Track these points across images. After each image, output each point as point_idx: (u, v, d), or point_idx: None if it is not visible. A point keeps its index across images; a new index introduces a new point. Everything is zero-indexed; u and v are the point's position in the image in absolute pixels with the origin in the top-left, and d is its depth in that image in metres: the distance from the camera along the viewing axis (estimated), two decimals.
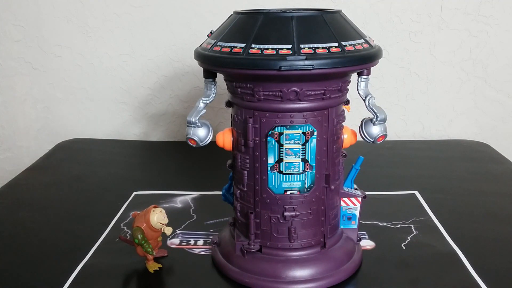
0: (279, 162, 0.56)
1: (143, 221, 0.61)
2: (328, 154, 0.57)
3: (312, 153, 0.56)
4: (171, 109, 1.18)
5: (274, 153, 0.56)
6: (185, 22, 1.11)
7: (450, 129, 1.16)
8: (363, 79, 0.57)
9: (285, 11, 0.56)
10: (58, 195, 0.87)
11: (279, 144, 0.55)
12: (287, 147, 0.55)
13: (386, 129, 0.58)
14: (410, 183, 0.88)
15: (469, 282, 0.60)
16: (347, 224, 0.64)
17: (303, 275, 0.58)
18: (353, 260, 0.62)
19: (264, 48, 0.52)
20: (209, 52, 0.56)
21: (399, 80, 1.13)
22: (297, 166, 0.56)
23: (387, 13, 1.08)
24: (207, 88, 0.59)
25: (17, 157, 1.23)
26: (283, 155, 0.56)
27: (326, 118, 0.56)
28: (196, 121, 0.59)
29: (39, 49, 1.15)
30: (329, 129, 0.56)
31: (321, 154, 0.57)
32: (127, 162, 1.03)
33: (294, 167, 0.56)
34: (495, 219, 0.75)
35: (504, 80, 1.12)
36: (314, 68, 0.50)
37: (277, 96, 0.54)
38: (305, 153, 0.56)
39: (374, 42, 0.59)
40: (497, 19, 1.07)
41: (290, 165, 0.56)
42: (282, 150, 0.55)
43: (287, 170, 0.56)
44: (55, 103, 1.19)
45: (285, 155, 0.56)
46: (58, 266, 0.64)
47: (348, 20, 0.58)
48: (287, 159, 0.56)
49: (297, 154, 0.56)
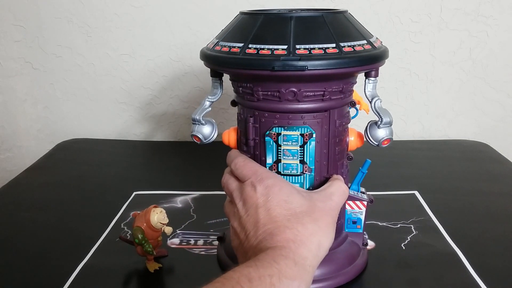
0: (277, 163, 0.56)
1: (143, 221, 0.61)
2: (329, 156, 0.57)
3: (311, 155, 0.55)
4: (171, 109, 1.18)
5: (272, 153, 0.56)
6: (185, 22, 1.11)
7: (450, 129, 1.16)
8: (371, 81, 0.56)
9: (291, 11, 0.56)
10: (58, 195, 0.87)
11: (277, 145, 0.55)
12: (285, 148, 0.55)
13: (392, 132, 0.57)
14: (410, 183, 0.88)
15: (469, 282, 0.60)
16: (352, 228, 0.63)
17: None
18: (356, 265, 0.61)
19: (260, 48, 0.52)
20: (210, 52, 0.56)
21: (399, 80, 1.13)
22: (295, 167, 0.56)
23: (386, 13, 1.08)
24: (213, 86, 0.60)
25: (17, 157, 1.23)
26: (281, 156, 0.55)
27: (327, 120, 0.55)
28: (201, 119, 0.59)
29: (39, 49, 1.15)
30: (330, 130, 0.56)
31: (322, 157, 0.56)
32: (127, 162, 1.03)
33: (292, 169, 0.56)
34: (495, 219, 0.75)
35: (504, 80, 1.12)
36: (308, 68, 0.50)
37: (275, 96, 0.54)
38: (303, 155, 0.55)
39: (380, 44, 0.57)
40: (496, 20, 1.07)
41: (288, 166, 0.56)
42: (280, 150, 0.55)
43: (285, 171, 0.56)
44: (55, 103, 1.19)
45: (283, 156, 0.55)
46: (58, 266, 0.64)
47: (352, 21, 0.57)
48: (285, 160, 0.55)
49: (295, 156, 0.55)
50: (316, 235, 0.48)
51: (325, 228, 0.49)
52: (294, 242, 0.46)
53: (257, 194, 0.51)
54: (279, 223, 0.48)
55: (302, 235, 0.47)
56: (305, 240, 0.47)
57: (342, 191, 0.54)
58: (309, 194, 0.52)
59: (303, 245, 0.46)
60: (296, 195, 0.51)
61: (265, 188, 0.51)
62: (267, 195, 0.50)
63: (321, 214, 0.50)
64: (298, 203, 0.50)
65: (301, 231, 0.47)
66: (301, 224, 0.48)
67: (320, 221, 0.49)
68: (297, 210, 0.49)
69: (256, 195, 0.51)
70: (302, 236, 0.47)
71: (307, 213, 0.49)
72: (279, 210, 0.49)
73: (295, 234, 0.47)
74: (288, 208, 0.49)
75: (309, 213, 0.49)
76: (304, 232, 0.47)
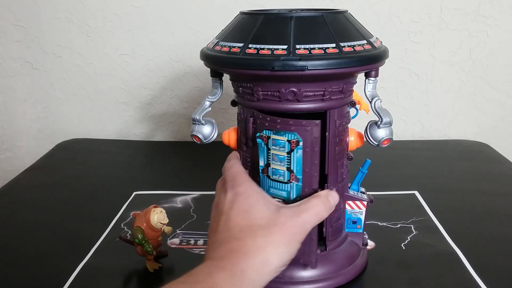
0: (268, 167, 0.55)
1: (143, 221, 0.61)
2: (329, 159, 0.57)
3: (298, 164, 0.52)
4: (171, 109, 1.18)
5: (263, 156, 0.54)
6: (185, 22, 1.11)
7: (450, 129, 1.16)
8: (371, 81, 0.56)
9: (291, 11, 0.56)
10: (58, 195, 0.87)
11: (267, 148, 0.54)
12: (273, 153, 0.53)
13: (392, 133, 0.57)
14: (410, 183, 0.88)
15: (469, 282, 0.60)
16: (351, 228, 0.63)
17: (301, 276, 0.58)
18: (355, 265, 0.61)
19: (260, 48, 0.52)
20: (210, 51, 0.56)
21: (399, 80, 1.13)
22: (282, 174, 0.54)
23: (386, 13, 1.08)
24: (213, 86, 0.60)
25: (17, 157, 1.23)
26: (270, 160, 0.54)
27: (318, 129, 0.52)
28: (200, 119, 0.59)
29: (39, 49, 1.15)
30: (330, 130, 0.56)
31: (311, 168, 0.53)
32: (127, 162, 1.03)
33: (280, 175, 0.54)
34: (495, 219, 0.75)
35: (504, 80, 1.12)
36: (308, 68, 0.50)
37: (276, 96, 0.54)
38: (290, 162, 0.53)
39: (380, 44, 0.57)
40: (496, 20, 1.08)
41: (276, 171, 0.54)
42: (270, 154, 0.54)
43: (274, 176, 0.54)
44: (55, 103, 1.19)
45: (272, 160, 0.54)
46: (58, 266, 0.64)
47: (352, 21, 0.57)
48: (274, 164, 0.54)
49: (283, 162, 0.53)
50: (264, 250, 0.44)
51: (278, 244, 0.45)
52: (236, 252, 0.44)
53: (225, 200, 0.50)
54: (231, 233, 0.47)
55: (248, 247, 0.45)
56: (250, 253, 0.44)
57: (317, 210, 0.50)
58: (278, 208, 0.49)
59: (246, 258, 0.44)
60: (261, 206, 0.48)
61: (233, 195, 0.49)
62: (232, 202, 0.49)
63: (279, 229, 0.46)
64: (259, 215, 0.47)
65: (249, 244, 0.45)
66: (252, 237, 0.45)
67: (275, 236, 0.46)
68: (255, 222, 0.47)
69: (224, 201, 0.50)
70: (247, 248, 0.44)
71: (264, 227, 0.46)
72: (237, 219, 0.47)
73: (240, 245, 0.45)
74: (247, 218, 0.47)
75: (267, 227, 0.46)
76: (252, 245, 0.45)
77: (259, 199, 0.49)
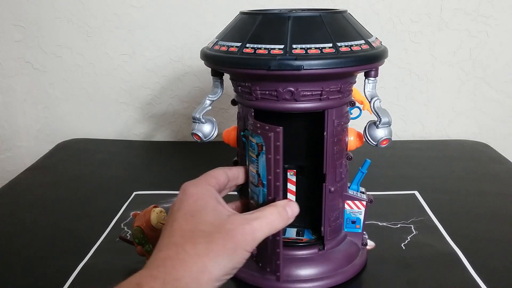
0: (248, 167, 0.55)
1: (143, 221, 0.61)
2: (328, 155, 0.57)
3: (262, 168, 0.51)
4: (171, 109, 1.18)
5: (247, 154, 0.54)
6: (185, 22, 1.11)
7: (450, 129, 1.16)
8: (370, 81, 0.56)
9: (291, 11, 0.56)
10: (58, 195, 0.87)
11: (248, 148, 0.54)
12: (250, 154, 0.53)
13: (390, 133, 0.57)
14: (410, 183, 0.88)
15: (468, 282, 0.60)
16: (351, 227, 0.63)
17: (299, 274, 0.58)
18: (354, 264, 0.61)
19: (258, 47, 0.52)
20: (209, 51, 0.57)
21: (399, 80, 1.13)
22: (254, 176, 0.53)
23: (386, 13, 1.08)
24: (214, 85, 0.60)
25: (17, 157, 1.23)
26: (248, 161, 0.54)
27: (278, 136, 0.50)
28: (201, 117, 0.60)
29: (39, 49, 1.15)
30: (328, 130, 0.56)
31: (275, 177, 0.50)
32: (127, 162, 1.03)
33: (252, 177, 0.54)
34: (495, 219, 0.75)
35: (504, 80, 1.12)
36: (304, 68, 0.50)
37: (273, 95, 0.54)
38: (258, 166, 0.52)
39: (379, 44, 0.57)
40: (496, 19, 1.07)
41: (251, 173, 0.54)
42: (248, 155, 0.54)
43: (250, 177, 0.55)
44: (55, 103, 1.19)
45: (249, 161, 0.54)
46: (58, 266, 0.65)
47: (351, 21, 0.57)
48: (250, 165, 0.54)
49: (254, 164, 0.52)
50: (204, 258, 0.42)
51: (218, 253, 0.42)
52: (172, 260, 0.41)
53: (177, 201, 0.47)
54: (172, 238, 0.44)
55: (186, 254, 0.42)
56: (187, 260, 0.41)
57: (270, 220, 0.46)
58: (228, 215, 0.46)
59: (182, 265, 0.41)
60: (210, 211, 0.45)
61: (184, 196, 0.47)
62: (181, 203, 0.46)
63: (222, 237, 0.43)
64: (205, 220, 0.44)
65: (188, 251, 0.42)
66: (192, 244, 0.42)
67: (217, 244, 0.42)
68: (199, 228, 0.44)
69: (176, 202, 0.47)
70: (185, 255, 0.42)
71: (207, 233, 0.43)
72: (181, 223, 0.44)
73: (178, 252, 0.42)
74: (191, 223, 0.44)
75: (210, 233, 0.43)
76: (191, 252, 0.42)
77: (209, 203, 0.46)
